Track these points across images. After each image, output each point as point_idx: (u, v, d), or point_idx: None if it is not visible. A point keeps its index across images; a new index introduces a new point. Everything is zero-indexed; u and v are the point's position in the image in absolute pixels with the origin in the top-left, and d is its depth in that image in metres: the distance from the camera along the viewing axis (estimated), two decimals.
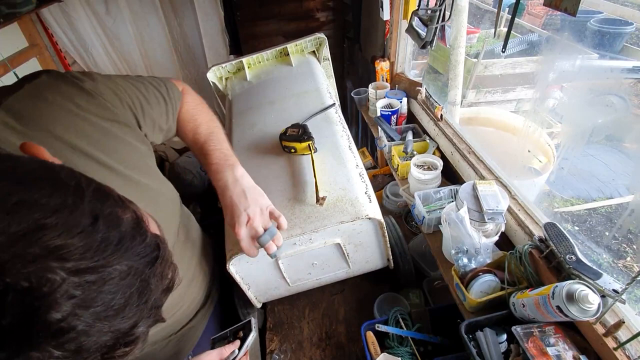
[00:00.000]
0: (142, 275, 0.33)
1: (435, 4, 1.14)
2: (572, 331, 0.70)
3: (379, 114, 1.45)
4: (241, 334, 0.75)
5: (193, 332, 0.89)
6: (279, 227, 0.74)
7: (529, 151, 1.98)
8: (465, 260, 0.84)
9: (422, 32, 1.20)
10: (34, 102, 0.55)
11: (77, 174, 0.34)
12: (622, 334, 0.64)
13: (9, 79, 1.68)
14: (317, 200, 0.82)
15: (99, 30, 2.18)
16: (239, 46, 2.43)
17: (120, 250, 0.31)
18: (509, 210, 0.93)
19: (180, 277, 0.40)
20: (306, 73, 1.32)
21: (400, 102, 1.44)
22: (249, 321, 0.76)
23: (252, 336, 0.74)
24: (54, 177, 0.32)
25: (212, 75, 1.41)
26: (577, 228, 2.05)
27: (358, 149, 1.14)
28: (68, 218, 0.29)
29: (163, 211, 0.73)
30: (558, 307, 0.64)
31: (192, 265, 0.85)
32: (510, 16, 0.86)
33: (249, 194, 0.72)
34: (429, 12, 1.16)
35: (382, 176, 1.63)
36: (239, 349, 0.72)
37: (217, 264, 1.01)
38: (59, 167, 0.34)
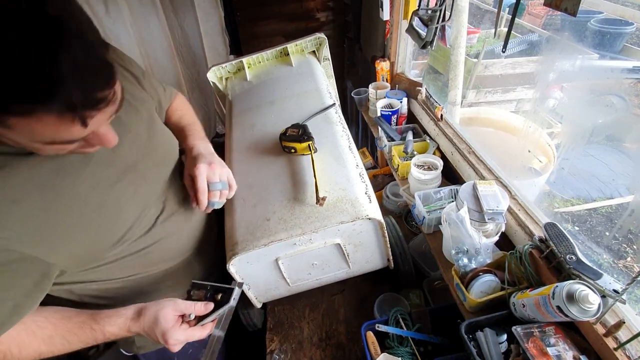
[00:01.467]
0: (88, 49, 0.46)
1: (436, 4, 1.14)
2: (573, 331, 0.70)
3: (379, 114, 1.45)
4: (219, 297, 0.72)
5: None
6: (230, 188, 0.83)
7: (529, 151, 1.98)
8: (465, 260, 0.84)
9: (423, 32, 1.20)
10: None
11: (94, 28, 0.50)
12: (623, 334, 0.64)
13: None
14: (317, 201, 0.82)
15: (100, 32, 2.17)
16: (239, 46, 2.43)
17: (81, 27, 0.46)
18: (509, 210, 0.93)
19: (118, 116, 0.54)
20: (306, 73, 1.32)
21: (401, 102, 1.44)
22: (232, 290, 0.72)
23: (228, 306, 0.71)
24: None
25: (212, 75, 1.41)
26: (577, 228, 2.05)
27: (358, 149, 1.14)
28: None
29: (173, 152, 0.83)
30: (558, 307, 0.64)
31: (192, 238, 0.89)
32: (510, 16, 0.86)
33: (215, 158, 0.83)
34: (429, 12, 1.16)
35: (382, 176, 1.63)
36: (208, 314, 0.69)
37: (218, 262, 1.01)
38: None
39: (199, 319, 0.70)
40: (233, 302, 0.71)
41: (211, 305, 0.70)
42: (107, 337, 0.65)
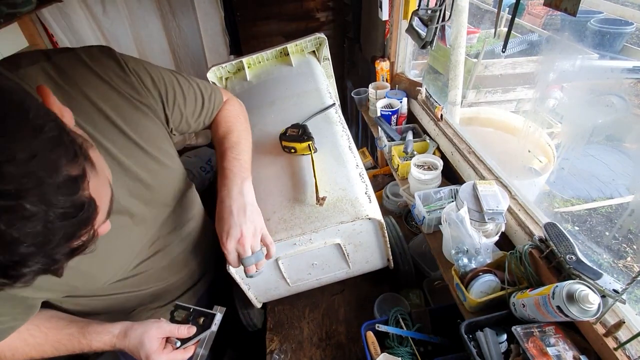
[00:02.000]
0: (48, 223, 0.33)
1: (436, 4, 1.14)
2: (573, 331, 0.70)
3: (379, 114, 1.45)
4: (202, 321, 0.74)
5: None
6: (267, 255, 0.74)
7: (529, 151, 1.98)
8: (465, 260, 0.84)
9: (422, 32, 1.20)
10: (77, 64, 0.61)
11: (51, 118, 0.37)
12: (623, 334, 0.64)
13: None
14: (317, 201, 0.82)
15: (97, 32, 2.18)
16: (239, 46, 2.43)
17: (40, 190, 0.33)
18: (509, 210, 0.93)
19: (95, 247, 0.42)
20: (306, 73, 1.32)
21: (401, 102, 1.44)
22: (213, 315, 0.75)
23: (210, 332, 0.73)
24: (20, 108, 0.34)
25: (212, 76, 1.41)
26: (577, 228, 2.05)
27: (358, 149, 1.14)
28: (7, 145, 0.32)
29: (176, 189, 0.79)
30: (558, 307, 0.64)
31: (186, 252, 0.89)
32: (510, 16, 0.86)
33: (249, 211, 0.71)
34: (429, 12, 1.16)
35: (382, 176, 1.63)
36: (190, 338, 0.72)
37: (217, 264, 1.01)
38: (35, 106, 0.36)
39: (182, 341, 0.72)
40: (214, 327, 0.74)
41: (193, 329, 0.73)
42: (93, 349, 0.69)
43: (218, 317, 0.75)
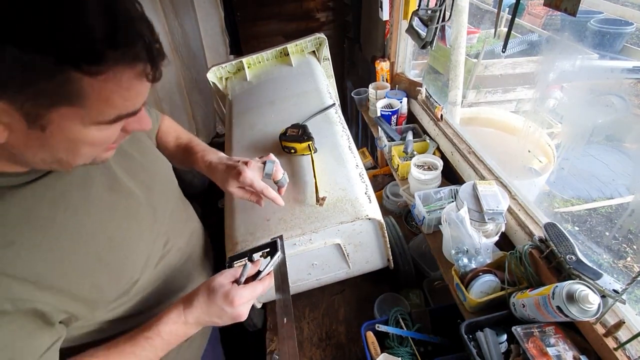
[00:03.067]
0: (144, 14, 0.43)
1: (436, 4, 1.14)
2: (573, 331, 0.70)
3: (379, 114, 1.45)
4: (265, 254, 0.66)
5: (202, 337, 0.90)
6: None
7: (529, 151, 1.98)
8: (465, 260, 0.84)
9: (422, 32, 1.20)
10: None
11: None
12: (623, 334, 0.64)
13: None
14: (317, 201, 0.82)
15: None
16: (239, 46, 2.43)
17: None
18: (509, 210, 0.93)
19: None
20: (306, 73, 1.32)
21: (401, 102, 1.44)
22: (275, 241, 0.68)
23: (278, 256, 0.66)
24: None
25: (212, 76, 1.41)
26: (577, 228, 2.05)
27: (358, 149, 1.14)
28: None
29: (170, 177, 0.79)
30: (558, 308, 0.64)
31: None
32: (510, 16, 0.86)
33: (242, 161, 0.76)
34: (429, 12, 1.16)
35: (382, 176, 1.63)
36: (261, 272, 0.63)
37: (216, 262, 1.01)
38: None
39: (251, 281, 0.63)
40: (281, 252, 0.66)
41: (259, 263, 0.65)
42: (165, 339, 0.58)
43: (280, 242, 0.67)
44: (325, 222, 0.81)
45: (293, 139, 0.95)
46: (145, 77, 0.44)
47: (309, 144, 0.93)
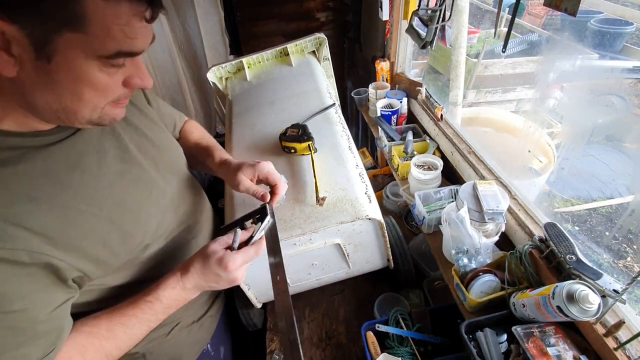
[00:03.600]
0: None
1: (436, 4, 1.14)
2: (573, 331, 0.70)
3: (379, 114, 1.45)
4: (252, 222, 0.68)
5: (211, 321, 0.93)
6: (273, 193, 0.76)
7: (529, 151, 1.98)
8: (465, 260, 0.84)
9: (423, 32, 1.20)
10: None
11: None
12: (623, 334, 0.64)
13: None
14: (317, 201, 0.82)
15: None
16: (239, 46, 2.43)
17: None
18: (509, 210, 0.93)
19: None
20: (306, 73, 1.32)
21: (401, 102, 1.44)
22: (264, 207, 0.69)
23: (268, 220, 0.67)
24: None
25: (212, 75, 1.41)
26: (577, 228, 2.05)
27: (358, 149, 1.14)
28: None
29: (181, 158, 0.82)
30: (558, 307, 0.64)
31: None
32: (510, 16, 0.86)
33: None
34: (429, 12, 1.16)
35: (382, 176, 1.63)
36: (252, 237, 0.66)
37: None
38: None
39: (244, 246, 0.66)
40: (271, 217, 0.68)
41: (251, 229, 0.67)
42: (165, 304, 0.63)
43: (269, 208, 0.70)
44: (325, 222, 0.81)
45: (293, 139, 0.95)
46: (143, 17, 0.47)
47: (309, 144, 0.93)
